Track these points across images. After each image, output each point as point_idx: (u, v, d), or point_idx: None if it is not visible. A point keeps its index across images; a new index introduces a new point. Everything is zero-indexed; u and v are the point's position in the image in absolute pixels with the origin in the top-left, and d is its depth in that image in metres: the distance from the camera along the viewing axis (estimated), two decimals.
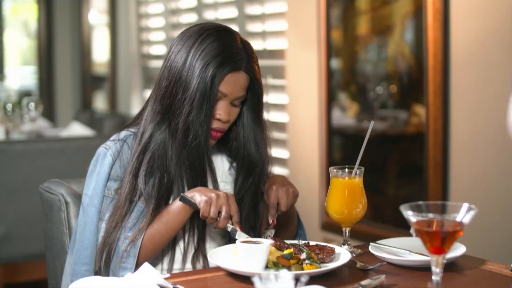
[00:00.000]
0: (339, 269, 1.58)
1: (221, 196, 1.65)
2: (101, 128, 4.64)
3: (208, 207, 1.64)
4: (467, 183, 2.56)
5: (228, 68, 1.69)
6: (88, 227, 1.72)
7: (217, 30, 1.73)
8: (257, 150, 1.80)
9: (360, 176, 1.74)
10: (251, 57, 1.74)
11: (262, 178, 1.83)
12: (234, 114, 1.76)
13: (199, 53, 1.69)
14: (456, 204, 1.28)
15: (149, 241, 1.67)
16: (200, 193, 1.66)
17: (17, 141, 3.80)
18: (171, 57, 1.74)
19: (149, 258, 1.69)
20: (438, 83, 2.61)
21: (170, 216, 1.69)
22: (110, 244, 1.67)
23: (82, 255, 1.71)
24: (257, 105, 1.80)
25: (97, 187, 1.73)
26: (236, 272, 1.53)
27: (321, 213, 3.30)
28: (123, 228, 1.68)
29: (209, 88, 1.68)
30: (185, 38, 1.73)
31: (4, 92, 7.05)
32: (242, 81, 1.72)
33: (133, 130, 1.79)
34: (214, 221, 1.66)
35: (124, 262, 1.64)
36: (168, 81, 1.73)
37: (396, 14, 2.84)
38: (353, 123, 3.18)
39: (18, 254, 3.40)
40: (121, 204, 1.70)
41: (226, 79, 1.69)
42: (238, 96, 1.73)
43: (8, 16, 7.45)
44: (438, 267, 1.29)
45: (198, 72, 1.68)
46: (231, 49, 1.71)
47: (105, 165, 1.74)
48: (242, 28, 3.89)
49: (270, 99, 3.72)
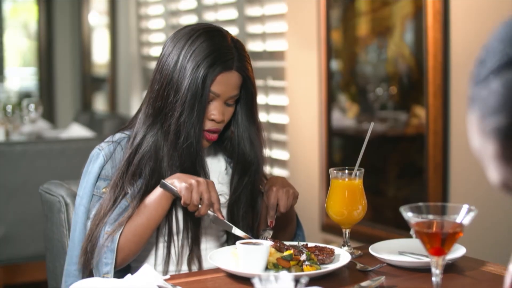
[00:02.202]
0: (339, 270, 1.58)
1: (201, 182, 1.64)
2: (101, 129, 4.64)
3: (190, 193, 1.62)
4: (467, 184, 2.56)
5: (219, 68, 1.69)
6: (78, 227, 1.73)
7: (207, 31, 1.73)
8: (251, 149, 1.80)
9: (360, 178, 1.74)
10: (243, 56, 1.74)
11: (258, 177, 1.83)
12: (229, 113, 1.76)
13: (189, 54, 1.69)
14: (456, 205, 1.28)
15: (131, 233, 1.65)
16: (179, 180, 1.64)
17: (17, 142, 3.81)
18: (163, 60, 1.74)
19: (134, 251, 1.67)
20: (438, 84, 2.61)
21: (151, 205, 1.67)
22: (93, 240, 1.66)
23: (73, 255, 1.73)
24: (251, 104, 1.79)
25: (87, 186, 1.74)
26: (236, 273, 1.53)
27: (321, 214, 3.30)
28: (104, 223, 1.67)
29: (201, 89, 1.68)
30: (176, 40, 1.74)
31: (4, 94, 7.05)
32: (234, 80, 1.72)
33: (127, 132, 1.79)
34: (196, 208, 1.64)
35: (105, 258, 1.63)
36: (160, 84, 1.73)
37: (396, 15, 2.84)
38: (353, 124, 3.18)
39: (18, 255, 3.40)
40: (105, 203, 1.70)
41: (218, 79, 1.69)
42: (231, 96, 1.73)
43: (8, 17, 7.45)
44: (438, 269, 1.29)
45: (189, 73, 1.68)
46: (221, 49, 1.70)
47: (96, 166, 1.75)
48: (242, 30, 3.89)
49: (270, 100, 3.72)
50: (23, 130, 4.35)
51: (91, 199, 1.73)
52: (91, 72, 6.64)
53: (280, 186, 1.78)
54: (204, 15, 4.32)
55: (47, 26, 7.06)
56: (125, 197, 1.70)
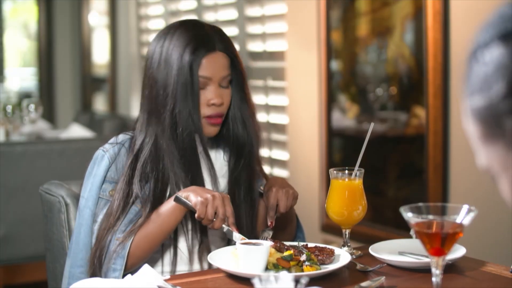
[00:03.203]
0: (339, 270, 1.58)
1: (216, 197, 1.63)
2: (101, 130, 4.64)
3: (205, 208, 1.62)
4: (467, 185, 2.56)
5: (203, 50, 1.70)
6: (83, 229, 1.72)
7: (182, 23, 1.77)
8: (244, 129, 1.79)
9: (360, 178, 1.74)
10: (224, 37, 1.76)
11: (252, 159, 1.82)
12: (227, 95, 1.76)
13: (171, 47, 1.71)
14: (456, 205, 1.28)
15: (142, 240, 1.65)
16: (195, 194, 1.63)
17: (17, 142, 3.81)
18: (147, 63, 1.76)
19: (143, 258, 1.68)
20: (438, 85, 2.61)
21: (164, 216, 1.67)
22: (102, 246, 1.66)
23: (77, 257, 1.72)
24: (242, 84, 1.79)
25: (92, 189, 1.73)
26: (236, 273, 1.53)
27: (321, 214, 3.30)
28: (115, 231, 1.67)
29: (189, 76, 1.69)
30: (156, 41, 1.76)
31: (4, 94, 7.05)
32: (221, 61, 1.73)
33: (130, 133, 1.79)
34: (210, 222, 1.64)
35: (114, 263, 1.63)
36: (149, 87, 1.74)
37: (396, 15, 2.84)
38: (353, 125, 3.18)
39: (18, 255, 3.40)
40: (114, 210, 1.69)
41: (204, 62, 1.70)
42: (223, 76, 1.73)
43: (8, 17, 7.45)
44: (438, 269, 1.29)
45: (175, 64, 1.69)
46: (201, 34, 1.73)
47: (101, 168, 1.74)
48: (242, 30, 3.89)
49: (270, 100, 3.72)
50: (23, 131, 4.35)
51: (97, 201, 1.73)
52: (91, 73, 6.64)
53: (279, 186, 1.77)
54: (204, 15, 4.32)
55: (47, 26, 7.06)
56: (135, 203, 1.70)
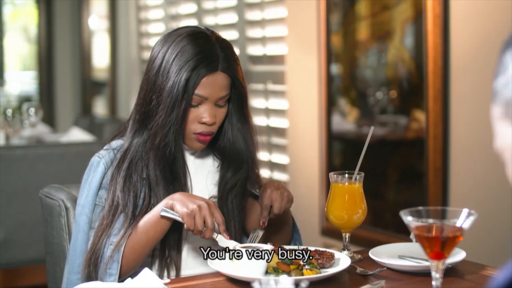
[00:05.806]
0: (339, 274, 1.58)
1: (202, 207, 1.59)
2: (101, 134, 4.64)
3: (192, 220, 1.58)
4: (467, 188, 2.56)
5: (203, 70, 1.67)
6: (80, 236, 1.72)
7: (190, 34, 1.71)
8: (245, 148, 1.78)
9: (360, 182, 1.74)
10: (229, 55, 1.71)
11: (252, 176, 1.81)
12: (221, 114, 1.73)
13: (173, 58, 1.68)
14: (456, 209, 1.28)
15: (129, 251, 1.64)
16: (181, 204, 1.60)
17: (17, 146, 3.80)
18: (149, 65, 1.74)
19: (132, 267, 1.66)
20: (438, 89, 2.61)
21: (150, 225, 1.65)
22: (97, 251, 1.66)
23: (75, 264, 1.71)
24: (241, 103, 1.77)
25: (88, 196, 1.73)
26: (236, 277, 1.52)
27: (321, 218, 3.30)
28: (108, 235, 1.67)
29: (181, 92, 1.66)
30: (161, 45, 1.73)
31: (4, 98, 7.05)
32: (221, 82, 1.70)
33: (123, 139, 1.79)
34: (200, 232, 1.60)
35: (109, 268, 1.63)
36: (145, 89, 1.73)
37: (396, 19, 2.85)
38: (353, 129, 3.18)
39: (18, 259, 3.39)
40: (106, 213, 1.69)
41: (203, 82, 1.67)
42: (221, 97, 1.71)
43: (8, 21, 7.46)
44: (438, 273, 1.29)
45: (172, 77, 1.67)
46: (205, 50, 1.68)
47: (97, 174, 1.74)
48: (242, 34, 3.89)
49: (270, 104, 3.72)
50: (23, 134, 4.35)
51: (94, 208, 1.72)
52: (91, 76, 6.64)
53: (275, 188, 1.77)
54: (204, 19, 4.33)
55: (47, 30, 7.06)
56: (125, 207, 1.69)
